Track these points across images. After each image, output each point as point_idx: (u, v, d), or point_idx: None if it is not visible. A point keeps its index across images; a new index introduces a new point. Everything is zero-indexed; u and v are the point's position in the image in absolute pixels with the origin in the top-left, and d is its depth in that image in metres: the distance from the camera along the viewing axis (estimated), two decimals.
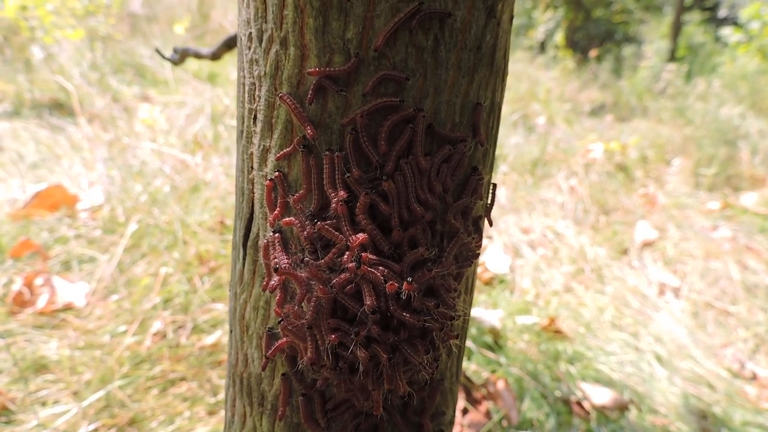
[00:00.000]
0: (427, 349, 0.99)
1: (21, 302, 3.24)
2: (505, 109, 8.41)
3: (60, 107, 6.58)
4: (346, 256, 0.94)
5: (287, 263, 0.99)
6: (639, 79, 12.56)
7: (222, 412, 2.77)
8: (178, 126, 5.79)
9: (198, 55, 2.13)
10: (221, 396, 2.84)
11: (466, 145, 1.03)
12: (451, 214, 1.03)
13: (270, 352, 1.04)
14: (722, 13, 19.66)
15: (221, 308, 3.34)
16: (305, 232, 0.98)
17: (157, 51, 2.11)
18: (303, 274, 0.97)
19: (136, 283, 3.45)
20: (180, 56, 2.20)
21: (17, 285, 3.29)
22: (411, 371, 1.01)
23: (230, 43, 2.04)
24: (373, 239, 0.95)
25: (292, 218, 1.00)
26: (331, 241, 0.98)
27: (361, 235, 0.93)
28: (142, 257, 3.69)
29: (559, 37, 13.78)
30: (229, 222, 4.16)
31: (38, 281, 3.35)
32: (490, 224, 1.16)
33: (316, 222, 0.97)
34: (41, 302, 3.25)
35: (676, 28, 15.75)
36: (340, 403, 1.09)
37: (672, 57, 15.28)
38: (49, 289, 3.33)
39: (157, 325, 3.18)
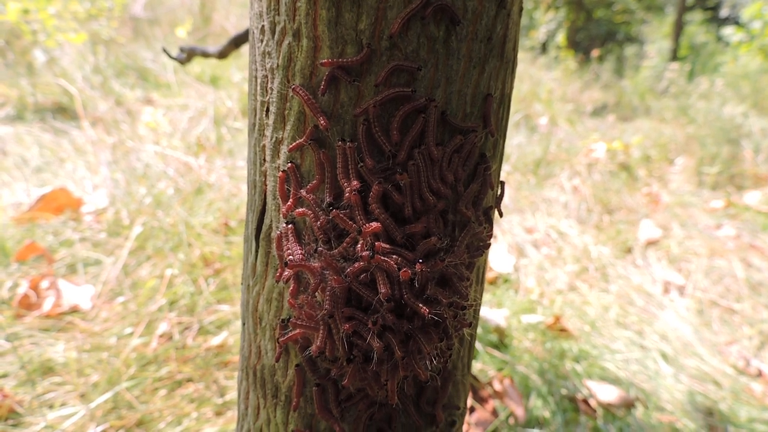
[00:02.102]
0: (440, 337, 0.99)
1: (27, 305, 3.24)
2: None
3: (63, 111, 6.59)
4: (359, 245, 0.95)
5: (300, 254, 1.00)
6: (641, 78, 12.58)
7: (229, 413, 2.78)
8: (181, 129, 5.81)
9: (205, 54, 2.14)
10: (228, 397, 2.84)
11: (477, 135, 1.04)
12: (463, 204, 1.04)
13: (283, 338, 1.05)
14: (724, 12, 19.68)
15: (227, 309, 3.35)
16: (319, 222, 0.99)
17: (164, 50, 2.12)
18: (316, 265, 0.97)
19: (141, 285, 3.46)
20: (187, 55, 2.21)
21: (23, 288, 3.29)
22: (425, 359, 1.01)
23: (238, 41, 2.04)
24: (386, 228, 0.95)
25: (305, 209, 1.01)
26: (345, 231, 0.98)
27: (374, 223, 0.93)
28: (147, 259, 3.70)
29: (561, 38, 13.76)
30: (234, 224, 4.17)
31: (44, 284, 3.36)
32: (500, 215, 1.16)
33: (331, 210, 0.98)
34: (47, 305, 3.25)
35: (678, 28, 15.77)
36: (354, 393, 1.10)
37: (674, 56, 15.31)
38: (55, 292, 3.34)
39: (163, 327, 3.18)
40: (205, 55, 2.13)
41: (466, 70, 1.00)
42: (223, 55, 2.07)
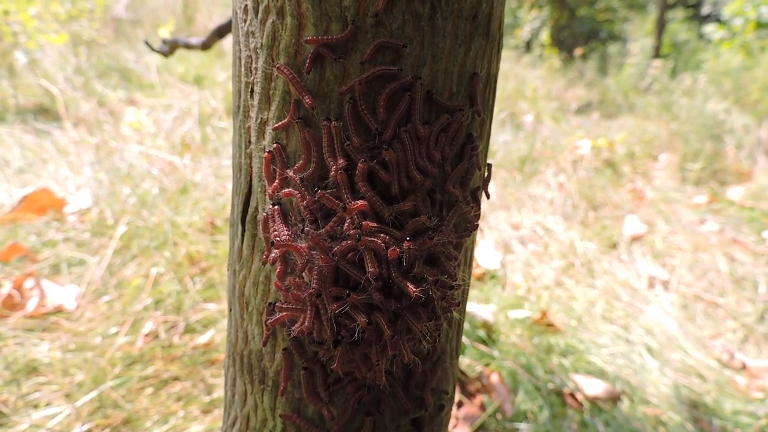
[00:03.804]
0: (429, 316, 0.98)
1: (11, 305, 3.20)
2: None
3: (45, 112, 6.52)
4: (347, 224, 0.94)
5: (287, 235, 0.99)
6: (624, 76, 12.68)
7: (216, 411, 2.76)
8: (165, 129, 5.76)
9: (188, 46, 2.12)
10: (215, 395, 2.82)
11: (463, 114, 1.03)
12: (451, 183, 1.03)
13: (271, 321, 1.04)
14: (705, 10, 19.89)
15: (213, 308, 3.32)
16: (305, 202, 0.98)
17: (146, 43, 2.10)
18: (303, 245, 0.96)
19: (126, 284, 3.42)
20: (169, 48, 2.19)
21: (6, 288, 3.25)
22: (413, 340, 1.00)
23: (221, 31, 2.03)
24: (373, 206, 0.95)
25: (291, 189, 0.99)
26: (332, 211, 0.97)
27: (359, 201, 0.92)
28: (133, 259, 3.67)
29: (545, 36, 13.81)
30: (220, 222, 4.14)
31: (28, 284, 3.32)
32: (487, 196, 1.16)
33: (317, 191, 0.97)
34: (31, 305, 3.21)
35: (660, 26, 15.89)
36: (342, 376, 1.09)
37: (657, 54, 15.42)
38: (39, 292, 3.30)
39: (149, 326, 3.15)
40: (188, 46, 2.11)
41: (451, 49, 1.00)
42: (206, 46, 2.05)
